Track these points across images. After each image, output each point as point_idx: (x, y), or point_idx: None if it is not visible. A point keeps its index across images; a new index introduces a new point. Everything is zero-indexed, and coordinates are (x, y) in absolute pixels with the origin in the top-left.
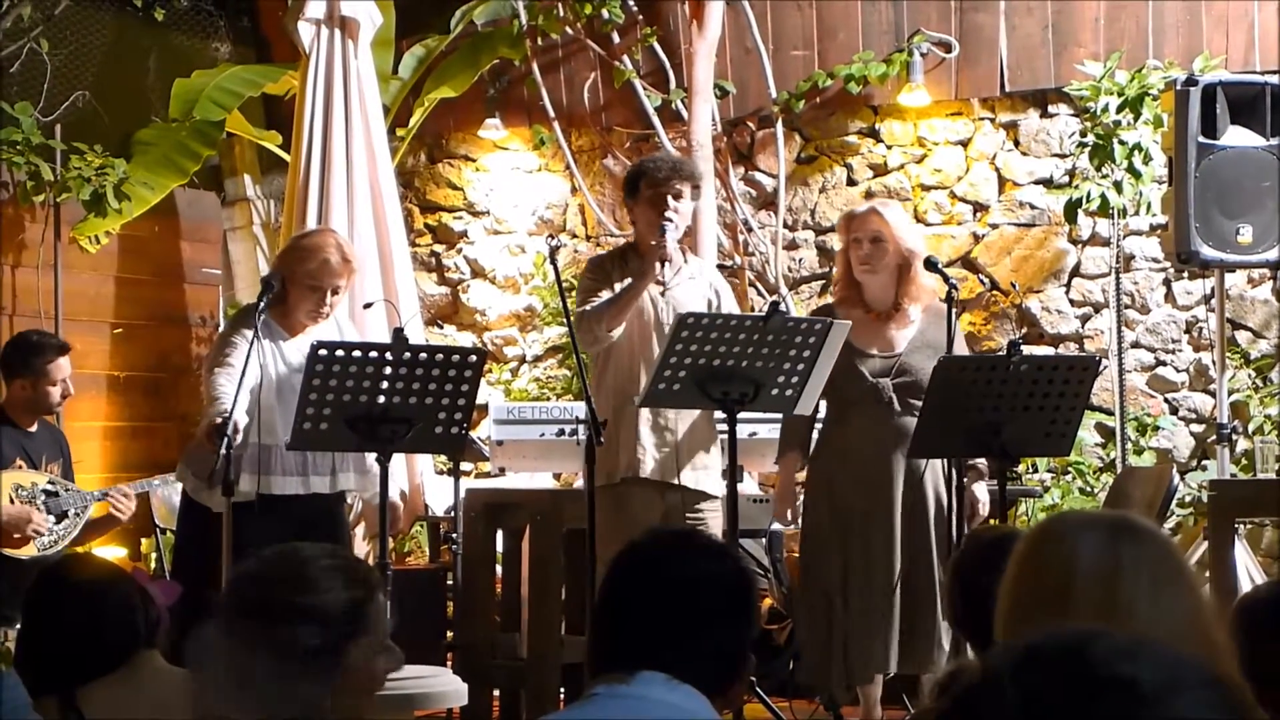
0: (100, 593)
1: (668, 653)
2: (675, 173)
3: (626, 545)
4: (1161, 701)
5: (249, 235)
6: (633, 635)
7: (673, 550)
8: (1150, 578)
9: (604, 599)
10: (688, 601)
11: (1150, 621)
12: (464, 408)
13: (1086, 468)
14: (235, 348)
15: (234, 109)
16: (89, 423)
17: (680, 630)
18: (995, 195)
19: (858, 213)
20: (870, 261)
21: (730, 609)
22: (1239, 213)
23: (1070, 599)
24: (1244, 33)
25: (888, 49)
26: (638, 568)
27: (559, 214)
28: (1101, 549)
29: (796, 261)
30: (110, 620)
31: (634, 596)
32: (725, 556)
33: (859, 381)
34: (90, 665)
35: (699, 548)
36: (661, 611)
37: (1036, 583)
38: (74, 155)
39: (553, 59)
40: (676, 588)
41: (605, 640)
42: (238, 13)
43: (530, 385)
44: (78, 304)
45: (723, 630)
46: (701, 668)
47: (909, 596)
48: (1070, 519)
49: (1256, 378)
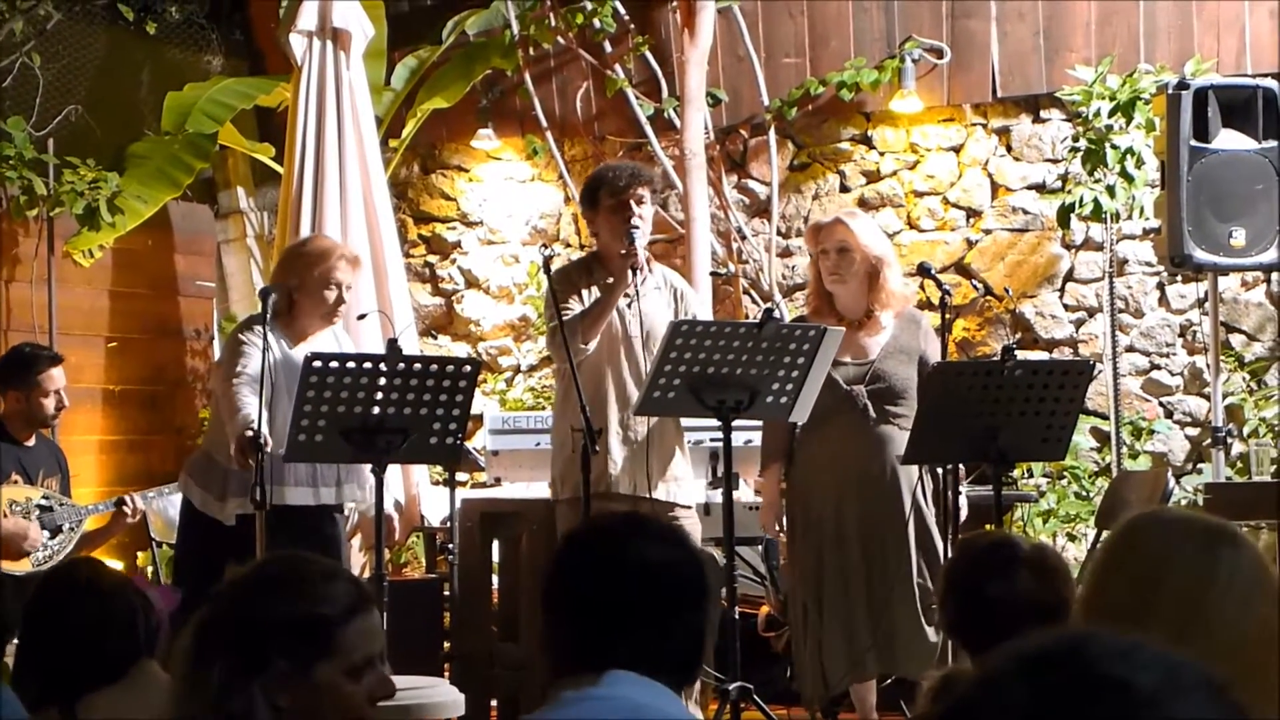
0: (107, 595)
1: (632, 646)
2: (636, 179)
3: (569, 536)
4: (1159, 704)
5: (243, 248)
6: (594, 631)
7: (623, 537)
8: (1242, 588)
9: (557, 593)
10: (646, 590)
11: (1228, 633)
12: (459, 418)
13: (1082, 472)
14: (248, 356)
15: (227, 121)
16: (84, 436)
17: (642, 621)
18: (988, 201)
19: (823, 224)
20: (838, 271)
21: (690, 594)
22: (1232, 216)
23: (1158, 602)
24: (1235, 36)
25: (880, 55)
26: (590, 558)
27: (552, 224)
28: (1196, 555)
29: (790, 269)
30: (115, 625)
31: (590, 589)
32: (677, 540)
33: (833, 389)
34: (92, 673)
35: (650, 534)
36: (621, 603)
37: (1121, 581)
38: (67, 169)
39: (545, 69)
40: (633, 576)
41: (565, 637)
42: (230, 25)
43: (525, 395)
44: (72, 318)
45: (685, 617)
46: (667, 658)
47: (891, 603)
48: (1162, 517)
49: (1251, 381)
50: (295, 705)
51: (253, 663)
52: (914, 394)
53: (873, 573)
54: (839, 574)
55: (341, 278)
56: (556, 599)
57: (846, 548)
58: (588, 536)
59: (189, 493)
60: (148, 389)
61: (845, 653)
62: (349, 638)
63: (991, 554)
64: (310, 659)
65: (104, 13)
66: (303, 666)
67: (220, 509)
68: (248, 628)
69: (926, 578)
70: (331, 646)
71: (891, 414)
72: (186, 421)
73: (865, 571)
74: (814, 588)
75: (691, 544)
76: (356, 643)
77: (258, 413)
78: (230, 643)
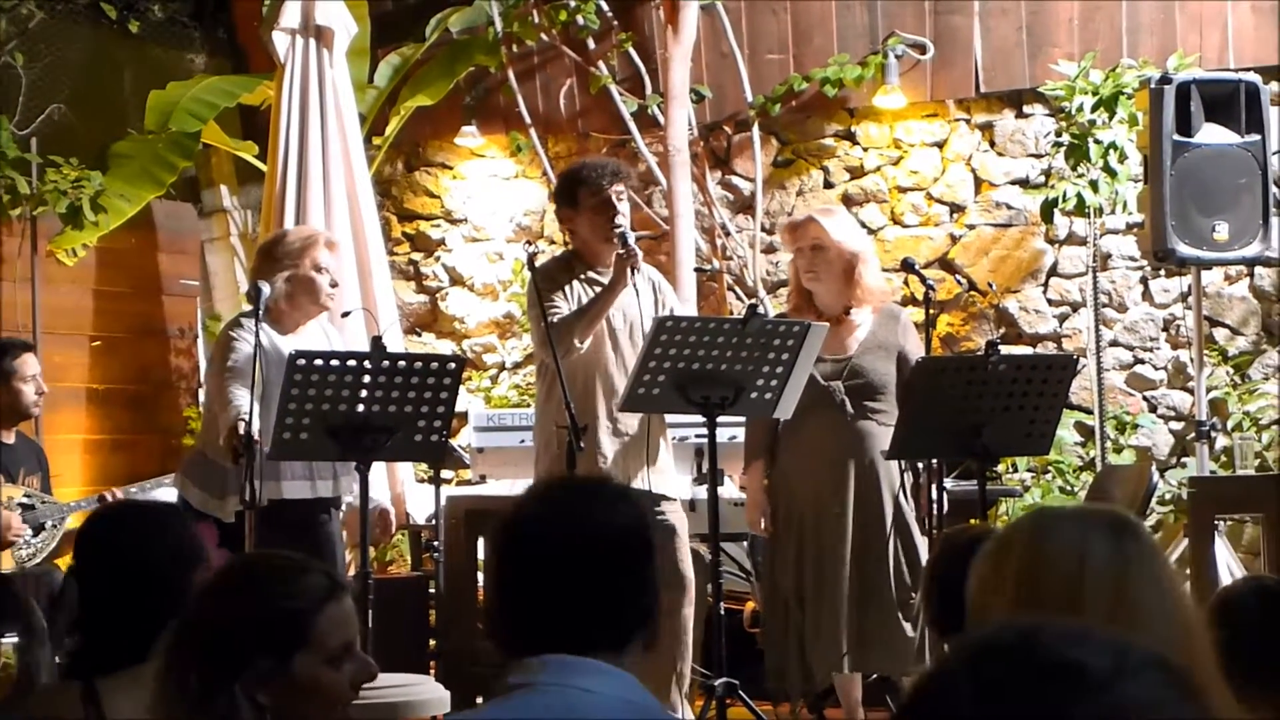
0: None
1: (581, 623)
2: (615, 176)
3: (519, 503)
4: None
5: (226, 246)
6: (540, 611)
7: (576, 500)
8: (1152, 574)
9: (509, 566)
10: (588, 563)
11: (1153, 616)
12: (444, 415)
13: (1066, 466)
14: (238, 352)
15: (210, 120)
16: (69, 436)
17: (587, 595)
18: (972, 196)
19: (798, 222)
20: (814, 269)
21: (634, 557)
22: (1215, 210)
23: (1083, 598)
24: (1218, 31)
25: (863, 52)
26: (545, 524)
27: (537, 220)
28: (1109, 547)
29: (774, 265)
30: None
31: (530, 567)
32: (626, 498)
33: (811, 385)
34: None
35: (603, 495)
36: (563, 578)
37: (1045, 582)
38: (50, 168)
39: (529, 66)
40: (574, 549)
41: (511, 620)
42: (213, 24)
43: (510, 392)
44: (56, 317)
45: (629, 584)
46: (617, 631)
47: (869, 599)
48: (1066, 515)
49: (1235, 374)
50: (278, 701)
51: (230, 664)
52: (893, 390)
53: (851, 568)
54: (819, 569)
55: (326, 262)
56: (508, 572)
57: (825, 543)
58: (539, 503)
59: (186, 493)
60: (132, 388)
61: (827, 648)
62: (323, 626)
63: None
64: (288, 652)
65: (87, 11)
66: (281, 661)
67: (220, 507)
68: (222, 630)
69: (905, 573)
70: (308, 637)
71: (870, 409)
72: (171, 421)
73: (844, 567)
74: (795, 583)
75: (639, 499)
76: (331, 630)
77: (249, 407)
78: (206, 646)
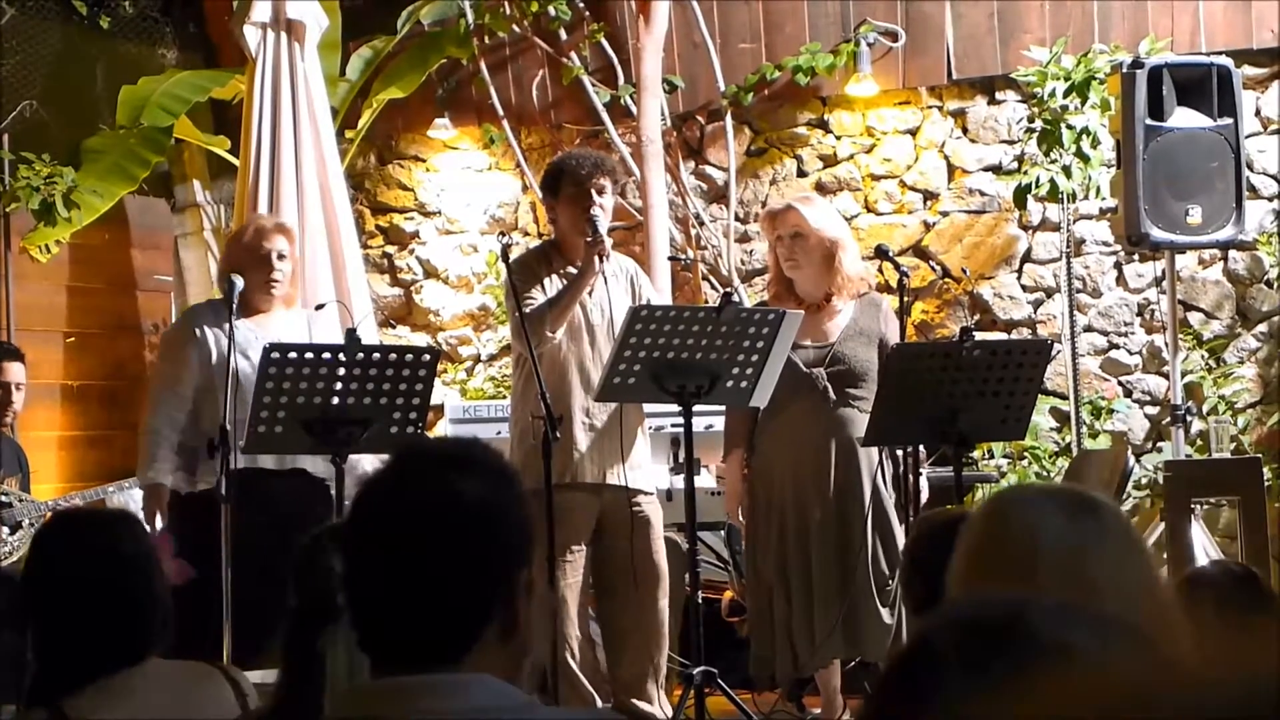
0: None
1: (413, 626)
2: (597, 169)
3: (369, 482)
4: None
5: (200, 241)
6: (377, 609)
7: (441, 473)
8: (1113, 552)
9: (357, 573)
10: (424, 544)
11: (1114, 595)
12: (419, 407)
13: (1042, 452)
14: (182, 367)
15: (182, 115)
16: (44, 432)
17: (420, 587)
18: (945, 183)
19: (777, 210)
20: (794, 257)
21: (480, 539)
22: (1188, 194)
23: (1036, 577)
24: (1190, 15)
25: (835, 40)
26: (402, 504)
27: (510, 212)
28: (1064, 526)
29: (749, 254)
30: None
31: (364, 550)
32: (499, 470)
33: (793, 372)
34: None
35: (470, 465)
36: (401, 572)
37: (998, 561)
38: (22, 165)
39: (501, 58)
40: (412, 527)
41: (361, 622)
42: (184, 19)
43: (486, 384)
44: (30, 314)
45: (470, 572)
46: (455, 633)
47: (847, 585)
48: (1023, 495)
49: (1210, 359)
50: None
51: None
52: (874, 377)
53: (830, 554)
54: (801, 556)
55: (264, 242)
56: (349, 557)
57: (807, 530)
58: (395, 478)
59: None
60: (107, 384)
61: (810, 634)
62: None
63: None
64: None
65: (58, 8)
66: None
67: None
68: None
69: (882, 560)
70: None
71: (851, 396)
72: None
73: (826, 554)
74: (778, 569)
75: (510, 469)
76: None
77: (168, 468)
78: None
